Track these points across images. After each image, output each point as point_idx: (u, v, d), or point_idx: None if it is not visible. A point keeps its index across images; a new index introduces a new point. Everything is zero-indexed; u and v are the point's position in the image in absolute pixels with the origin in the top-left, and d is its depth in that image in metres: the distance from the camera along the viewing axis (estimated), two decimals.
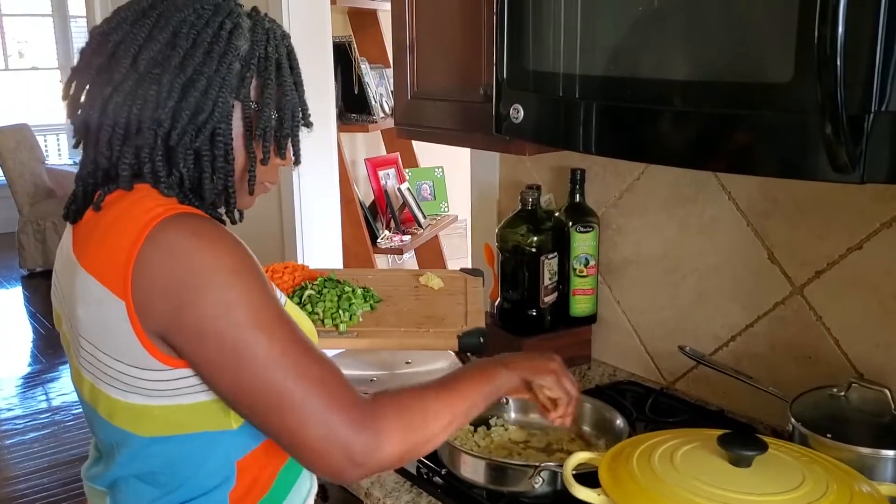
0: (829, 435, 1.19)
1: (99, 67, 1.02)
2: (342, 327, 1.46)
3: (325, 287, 1.55)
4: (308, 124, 1.13)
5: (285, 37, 1.12)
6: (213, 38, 1.02)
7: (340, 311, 1.49)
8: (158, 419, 1.04)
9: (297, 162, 1.15)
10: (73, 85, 1.06)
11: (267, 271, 1.61)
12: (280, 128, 1.09)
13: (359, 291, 1.55)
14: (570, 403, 1.24)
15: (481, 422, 1.49)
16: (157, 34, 1.01)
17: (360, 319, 1.50)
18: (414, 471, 1.39)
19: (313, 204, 3.04)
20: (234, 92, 1.03)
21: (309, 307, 1.50)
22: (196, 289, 0.95)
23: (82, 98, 1.05)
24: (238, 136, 1.06)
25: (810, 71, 0.91)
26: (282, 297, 1.12)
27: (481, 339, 1.43)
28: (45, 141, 7.63)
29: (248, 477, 1.09)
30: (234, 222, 1.16)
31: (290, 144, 1.11)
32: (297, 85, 1.11)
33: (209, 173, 1.05)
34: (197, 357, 0.98)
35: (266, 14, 1.11)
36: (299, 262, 3.04)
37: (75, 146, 1.09)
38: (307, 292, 1.54)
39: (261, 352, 0.96)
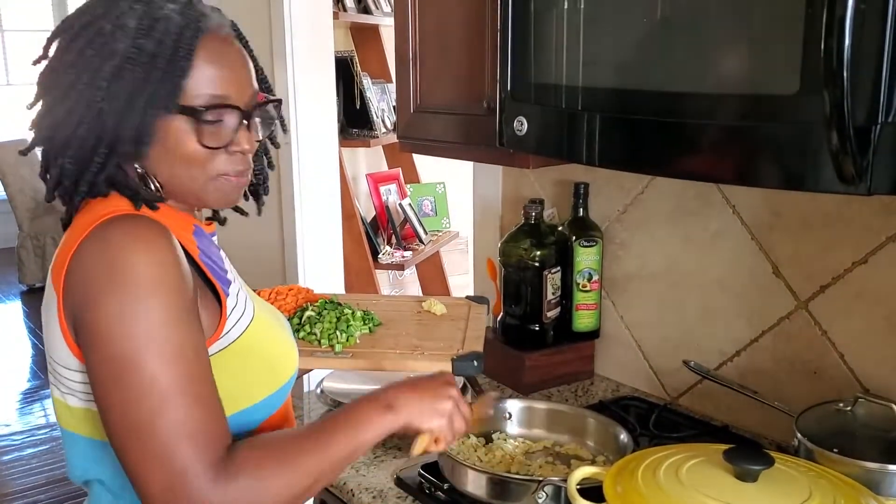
0: (835, 450, 1.18)
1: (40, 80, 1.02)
2: (338, 348, 1.45)
3: (325, 309, 1.54)
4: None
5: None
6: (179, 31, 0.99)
7: (338, 333, 1.48)
8: (85, 422, 1.03)
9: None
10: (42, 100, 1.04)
11: (271, 293, 1.60)
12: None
13: (358, 314, 1.54)
14: (453, 441, 1.16)
15: (483, 436, 1.48)
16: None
17: (357, 341, 1.49)
18: (416, 486, 1.38)
19: (314, 219, 3.04)
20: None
21: (308, 328, 1.49)
22: (105, 286, 0.92)
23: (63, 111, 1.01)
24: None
25: (817, 83, 0.91)
26: (249, 313, 1.08)
27: (475, 363, 1.39)
28: None
29: None
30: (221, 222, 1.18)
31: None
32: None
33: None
34: (86, 357, 0.95)
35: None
36: (300, 277, 3.04)
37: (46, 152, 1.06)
38: (307, 313, 1.53)
39: (142, 378, 0.91)
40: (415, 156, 4.04)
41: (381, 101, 3.69)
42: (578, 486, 1.13)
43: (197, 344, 0.96)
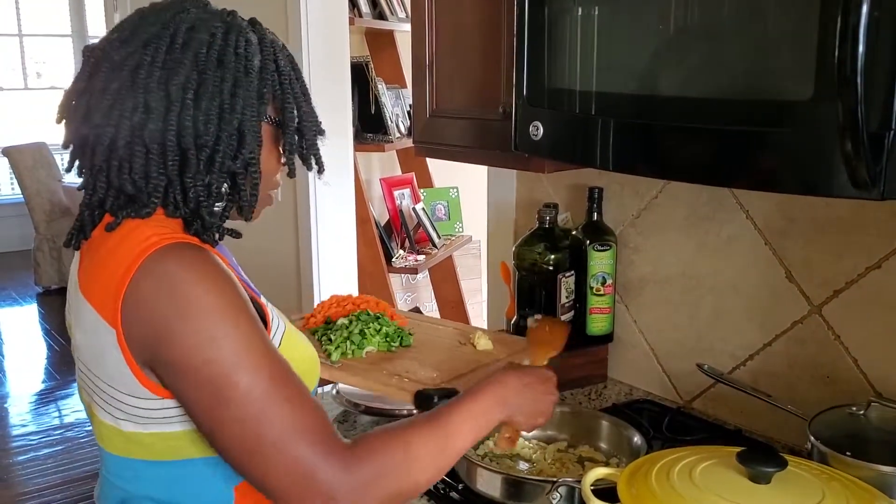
0: (848, 453, 1.19)
1: (117, 92, 1.00)
2: (334, 356, 1.46)
3: (360, 319, 1.54)
4: (321, 132, 1.13)
5: (284, 46, 1.11)
6: (236, 58, 1.02)
7: (348, 343, 1.49)
8: (151, 446, 1.04)
9: (321, 170, 1.14)
10: (82, 110, 1.03)
11: (339, 301, 1.59)
12: (302, 140, 1.09)
13: (384, 330, 1.53)
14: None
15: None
16: (180, 56, 0.99)
17: (364, 355, 1.50)
18: (431, 486, 1.39)
19: (329, 223, 3.06)
20: (258, 111, 1.03)
21: (329, 333, 1.50)
22: (179, 321, 0.94)
23: (97, 123, 1.01)
24: (270, 154, 1.08)
25: (831, 89, 0.92)
26: (281, 325, 1.11)
27: (435, 400, 1.35)
28: (62, 160, 7.69)
29: (250, 501, 1.07)
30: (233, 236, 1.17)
31: (315, 157, 1.12)
32: (306, 94, 1.11)
33: (247, 192, 1.05)
34: (176, 390, 0.97)
35: (262, 25, 1.11)
36: (314, 280, 3.06)
37: (69, 170, 1.08)
38: (340, 321, 1.53)
39: (239, 393, 0.94)
40: (428, 160, 4.06)
41: (395, 106, 3.71)
42: (592, 487, 1.14)
43: (273, 349, 1.00)
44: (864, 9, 0.87)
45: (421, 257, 3.76)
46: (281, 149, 1.08)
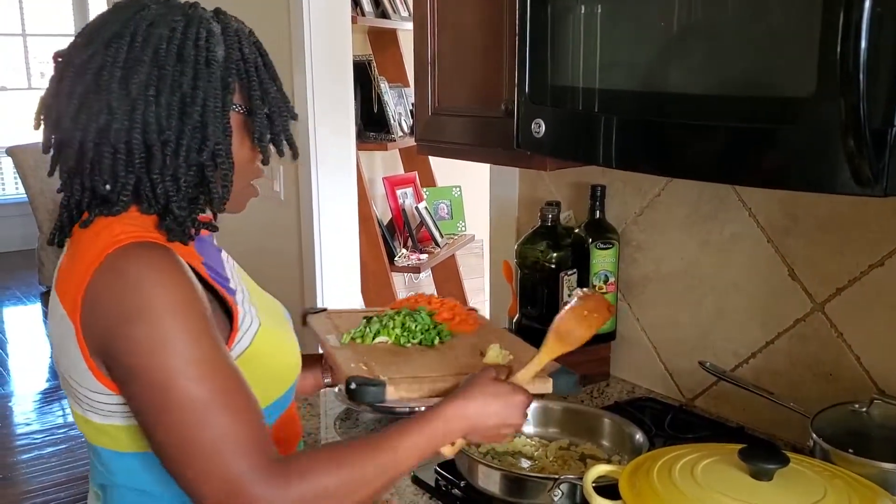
0: (850, 450, 1.19)
1: (83, 95, 1.00)
2: (344, 339, 1.46)
3: (410, 313, 1.52)
4: (294, 116, 1.12)
5: (252, 34, 1.10)
6: (195, 50, 1.02)
7: (368, 329, 1.47)
8: (117, 437, 1.05)
9: (295, 156, 1.13)
10: (53, 115, 1.04)
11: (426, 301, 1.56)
12: (273, 126, 1.09)
13: (408, 325, 1.49)
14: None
15: None
16: (140, 55, 1.00)
17: (372, 343, 1.47)
18: (433, 482, 1.39)
19: (332, 222, 3.06)
20: (223, 101, 1.03)
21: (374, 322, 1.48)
22: (130, 322, 0.95)
23: (66, 127, 1.02)
24: (243, 143, 1.08)
25: (833, 86, 0.92)
26: (254, 326, 1.10)
27: (352, 386, 1.22)
28: None
29: None
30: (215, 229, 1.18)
31: (288, 142, 1.12)
32: (275, 80, 1.11)
33: (217, 183, 1.05)
34: (122, 387, 0.98)
35: (228, 14, 1.10)
36: (317, 279, 3.06)
37: (50, 173, 1.08)
38: (388, 311, 1.51)
39: (180, 399, 0.94)
40: (431, 159, 4.06)
41: (398, 104, 3.71)
42: (594, 484, 1.14)
43: (224, 357, 0.99)
44: (867, 5, 0.87)
45: (423, 256, 3.76)
46: (251, 136, 1.08)
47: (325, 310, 1.45)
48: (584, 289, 1.38)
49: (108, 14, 1.05)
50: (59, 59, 1.06)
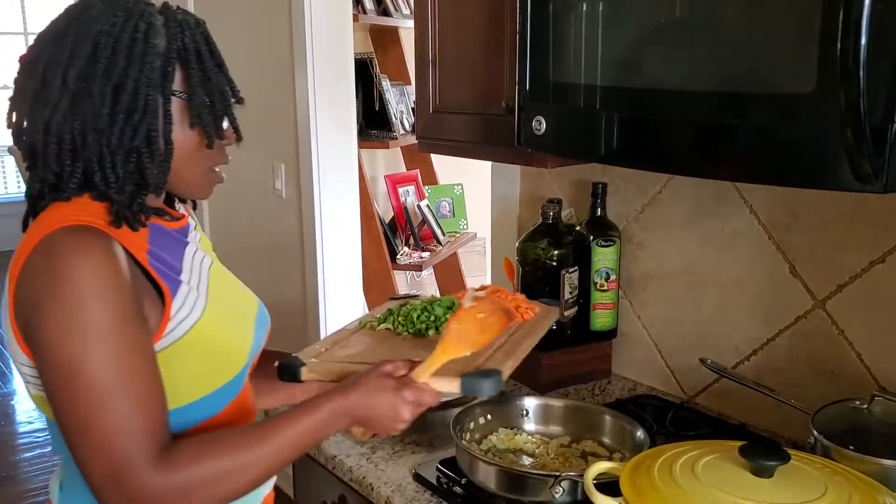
0: (851, 447, 1.19)
1: (34, 93, 1.07)
2: (362, 323, 1.47)
3: (432, 303, 1.51)
4: (239, 100, 1.17)
5: (199, 24, 1.15)
6: (131, 42, 1.06)
7: (392, 316, 1.47)
8: (46, 406, 1.08)
9: (238, 138, 1.18)
10: (14, 113, 1.11)
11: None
12: (213, 111, 1.13)
13: (411, 315, 1.48)
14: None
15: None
16: (78, 50, 1.06)
17: (378, 328, 1.47)
18: (434, 480, 1.39)
19: (333, 220, 3.06)
20: (160, 87, 1.08)
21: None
22: (49, 301, 0.99)
23: (24, 124, 1.10)
24: (177, 127, 1.10)
25: (833, 82, 0.92)
26: (195, 313, 1.12)
27: (276, 363, 1.29)
28: None
29: None
30: (194, 207, 1.28)
31: (227, 123, 1.15)
32: (220, 66, 1.15)
33: (150, 168, 1.09)
34: (36, 361, 1.03)
35: (178, 7, 1.15)
36: (319, 277, 3.06)
37: (27, 170, 1.13)
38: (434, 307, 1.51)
39: (82, 382, 0.98)
40: (433, 157, 4.06)
41: (399, 102, 3.71)
42: (595, 481, 1.14)
43: (139, 346, 1.03)
44: (867, 2, 0.87)
45: (425, 254, 3.76)
46: (190, 119, 1.12)
47: (296, 356, 1.41)
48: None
49: (61, 13, 1.11)
50: (20, 60, 1.12)
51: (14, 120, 1.11)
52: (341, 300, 3.14)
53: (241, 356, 1.20)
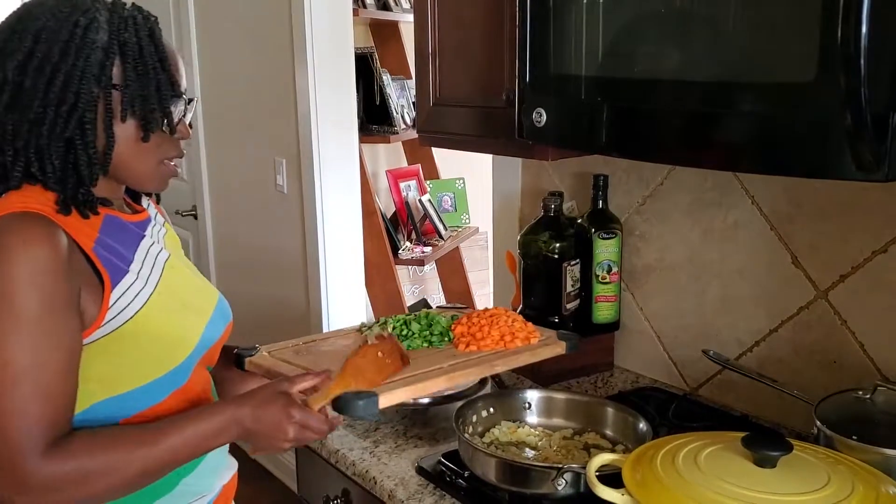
0: (854, 437, 1.18)
1: None
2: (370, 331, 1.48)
3: (425, 319, 1.54)
4: (178, 95, 1.17)
5: (147, 19, 1.17)
6: (69, 37, 1.10)
7: (386, 325, 1.51)
8: None
9: (172, 132, 1.18)
10: None
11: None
12: (146, 104, 1.14)
13: (403, 331, 1.50)
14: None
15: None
16: (21, 44, 1.09)
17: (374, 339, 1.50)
18: (437, 473, 1.40)
19: (335, 215, 3.06)
20: (97, 79, 1.10)
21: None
22: None
23: None
24: (117, 120, 1.12)
25: (834, 70, 0.91)
26: (139, 301, 1.14)
27: (234, 350, 1.42)
28: None
29: None
30: (158, 201, 1.32)
31: (164, 118, 1.16)
32: (162, 61, 1.16)
33: (85, 159, 1.11)
34: None
35: (127, 3, 1.17)
36: (321, 272, 3.06)
37: None
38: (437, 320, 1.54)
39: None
40: (434, 152, 4.06)
41: (400, 97, 3.71)
42: (597, 473, 1.14)
43: (63, 337, 1.06)
44: None
45: (427, 249, 3.76)
46: (120, 112, 1.13)
47: (255, 347, 1.46)
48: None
49: (16, 9, 1.14)
50: None
51: None
52: (343, 295, 3.14)
53: (184, 347, 1.21)
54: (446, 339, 1.48)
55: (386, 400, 1.22)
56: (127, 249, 1.17)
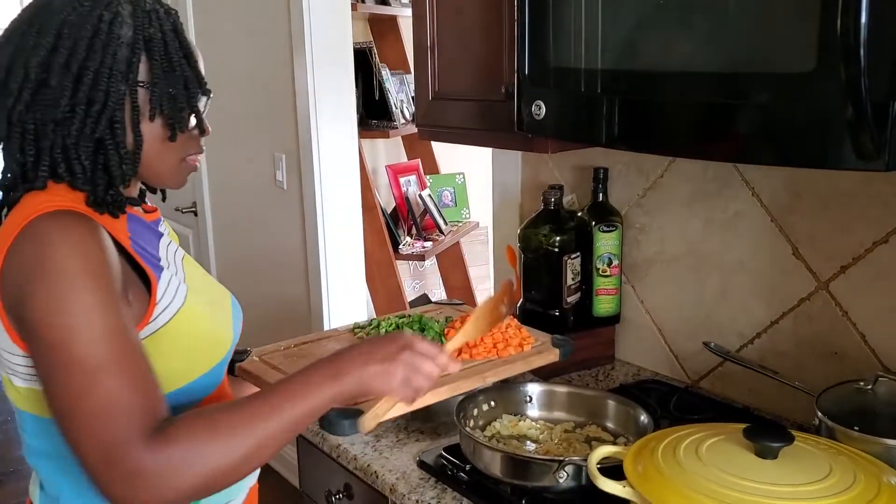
0: (855, 428, 1.18)
1: (1, 82, 1.06)
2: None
3: (418, 323, 1.54)
4: (206, 92, 1.15)
5: (169, 14, 1.13)
6: (94, 32, 1.05)
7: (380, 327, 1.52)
8: (36, 401, 1.08)
9: (201, 131, 1.16)
10: None
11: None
12: (174, 102, 1.11)
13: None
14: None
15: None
16: (42, 40, 1.05)
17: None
18: (438, 467, 1.39)
19: (335, 210, 3.06)
20: (124, 77, 1.07)
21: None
22: (36, 282, 0.98)
23: None
24: (144, 118, 1.09)
25: (834, 60, 0.91)
26: (177, 301, 1.12)
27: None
28: None
29: None
30: (163, 199, 1.27)
31: (193, 116, 1.14)
32: (188, 57, 1.13)
33: (116, 160, 1.08)
34: (28, 345, 1.01)
35: None
36: (321, 268, 3.06)
37: None
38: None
39: (71, 360, 0.97)
40: (434, 146, 4.05)
41: (399, 91, 3.70)
42: (599, 465, 1.14)
43: (124, 326, 1.01)
44: None
45: (428, 244, 3.76)
46: (150, 110, 1.10)
47: (248, 350, 1.47)
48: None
49: (30, 2, 1.10)
50: None
51: None
52: (344, 291, 3.14)
53: (223, 344, 1.20)
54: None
55: (371, 418, 1.15)
56: (153, 248, 1.15)
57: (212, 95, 1.17)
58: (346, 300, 3.14)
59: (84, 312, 0.98)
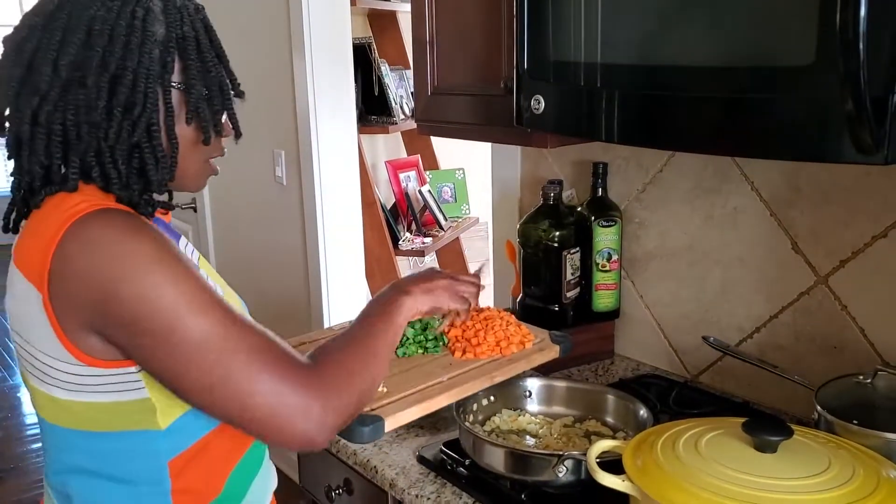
0: (855, 422, 1.18)
1: (20, 79, 1.00)
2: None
3: (419, 323, 1.54)
4: (239, 94, 1.11)
5: (199, 10, 1.08)
6: (128, 30, 1.00)
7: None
8: (80, 414, 1.03)
9: (237, 135, 1.13)
10: None
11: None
12: (211, 105, 1.07)
13: (426, 342, 1.51)
14: (469, 309, 1.36)
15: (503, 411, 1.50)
16: (71, 36, 0.99)
17: None
18: (438, 462, 1.40)
19: (334, 206, 3.06)
20: (159, 78, 1.02)
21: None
22: (120, 279, 0.93)
23: (7, 112, 1.03)
24: (177, 120, 1.05)
25: (833, 53, 0.91)
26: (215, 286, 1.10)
27: None
28: None
29: (188, 479, 1.08)
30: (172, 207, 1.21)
31: (225, 118, 1.10)
32: (220, 57, 1.09)
33: (153, 164, 1.03)
34: (132, 346, 0.97)
35: None
36: (321, 265, 3.06)
37: (8, 159, 1.06)
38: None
39: (192, 337, 0.94)
40: (434, 142, 4.05)
41: (399, 87, 3.69)
42: (598, 460, 1.14)
43: (213, 291, 0.99)
44: None
45: (428, 240, 3.76)
46: (186, 113, 1.06)
47: None
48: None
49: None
50: (3, 44, 1.05)
51: None
52: (344, 287, 3.14)
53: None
54: (441, 343, 1.48)
55: (392, 423, 1.24)
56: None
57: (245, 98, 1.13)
58: (345, 295, 3.14)
59: (180, 288, 0.95)
